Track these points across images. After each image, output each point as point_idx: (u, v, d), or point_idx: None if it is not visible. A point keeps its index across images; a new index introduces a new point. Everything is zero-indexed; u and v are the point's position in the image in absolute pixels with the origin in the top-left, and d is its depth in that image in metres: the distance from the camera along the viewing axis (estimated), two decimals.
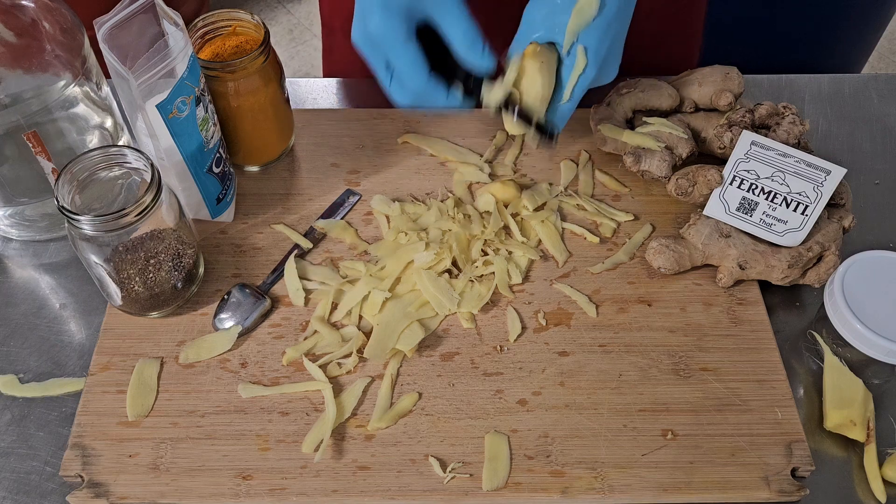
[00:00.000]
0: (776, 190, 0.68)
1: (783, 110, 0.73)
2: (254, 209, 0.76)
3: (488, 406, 0.64)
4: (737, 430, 0.63)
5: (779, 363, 0.66)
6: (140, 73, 0.59)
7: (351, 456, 0.61)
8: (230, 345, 0.66)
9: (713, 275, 0.71)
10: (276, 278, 0.71)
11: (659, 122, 0.76)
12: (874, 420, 0.63)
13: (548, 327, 0.68)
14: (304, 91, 0.88)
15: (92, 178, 0.63)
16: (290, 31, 2.28)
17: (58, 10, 0.68)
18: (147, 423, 0.63)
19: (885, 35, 1.43)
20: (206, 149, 0.67)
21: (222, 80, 0.69)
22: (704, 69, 0.78)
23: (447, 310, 0.68)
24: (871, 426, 0.62)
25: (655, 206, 0.76)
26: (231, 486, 0.60)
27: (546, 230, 0.74)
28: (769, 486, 0.60)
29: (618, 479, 0.60)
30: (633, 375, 0.66)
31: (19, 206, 0.72)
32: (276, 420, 0.63)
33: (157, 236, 0.64)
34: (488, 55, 0.61)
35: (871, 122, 0.85)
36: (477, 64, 0.61)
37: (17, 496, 0.61)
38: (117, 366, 0.65)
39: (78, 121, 0.71)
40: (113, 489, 0.59)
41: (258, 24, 0.71)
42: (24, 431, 0.64)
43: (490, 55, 0.61)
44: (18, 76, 0.67)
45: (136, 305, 0.66)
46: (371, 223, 0.75)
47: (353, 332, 0.67)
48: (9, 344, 0.68)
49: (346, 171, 0.79)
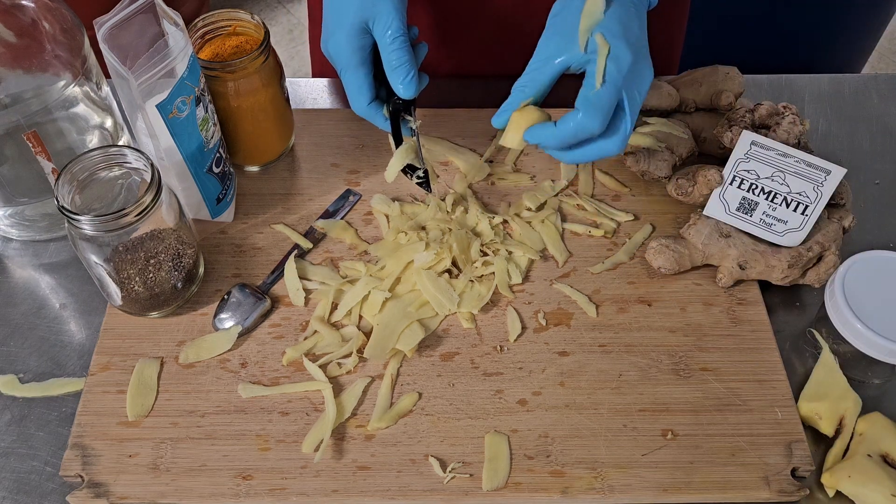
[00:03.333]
0: (776, 190, 0.68)
1: (783, 110, 0.73)
2: (254, 209, 0.76)
3: (488, 406, 0.64)
4: (737, 430, 0.63)
5: (779, 363, 0.66)
6: (140, 73, 0.59)
7: (351, 456, 0.61)
8: (230, 345, 0.66)
9: (713, 275, 0.71)
10: (276, 278, 0.71)
11: (659, 122, 0.76)
12: (854, 419, 0.62)
13: (548, 327, 0.68)
14: (304, 91, 0.88)
15: (92, 178, 0.63)
16: (290, 31, 2.28)
17: (58, 10, 0.68)
18: (147, 423, 0.63)
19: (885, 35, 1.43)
20: (206, 149, 0.67)
21: (222, 80, 0.69)
22: (704, 69, 0.78)
23: (447, 310, 0.68)
24: (844, 423, 0.62)
25: (655, 206, 0.76)
26: (231, 486, 0.60)
27: (546, 230, 0.74)
28: (769, 486, 0.60)
29: (618, 479, 0.60)
30: (633, 375, 0.66)
31: (19, 206, 0.72)
32: (276, 420, 0.63)
33: (157, 236, 0.64)
34: (410, 84, 0.64)
35: (871, 122, 0.85)
36: (397, 88, 0.65)
37: (17, 496, 0.61)
38: (117, 366, 0.65)
39: (78, 121, 0.71)
40: (113, 489, 0.59)
41: (258, 24, 0.71)
42: (24, 431, 0.64)
43: (412, 85, 0.64)
44: (18, 76, 0.67)
45: (136, 305, 0.66)
46: (371, 223, 0.75)
47: (353, 332, 0.67)
48: (9, 344, 0.68)
49: (346, 171, 0.79)
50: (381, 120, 0.69)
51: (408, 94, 0.65)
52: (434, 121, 0.82)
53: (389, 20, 0.63)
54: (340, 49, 0.65)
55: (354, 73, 0.66)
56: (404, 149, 0.70)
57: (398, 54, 0.64)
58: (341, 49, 0.65)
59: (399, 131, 0.69)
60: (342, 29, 0.64)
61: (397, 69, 0.64)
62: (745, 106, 0.76)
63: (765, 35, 1.25)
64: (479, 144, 0.80)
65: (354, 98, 0.67)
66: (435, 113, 0.83)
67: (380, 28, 0.63)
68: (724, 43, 1.23)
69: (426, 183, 0.72)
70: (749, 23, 1.24)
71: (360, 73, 0.66)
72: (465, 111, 0.82)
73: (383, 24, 0.63)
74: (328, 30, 0.66)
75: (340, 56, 0.66)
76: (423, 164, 0.71)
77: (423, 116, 0.82)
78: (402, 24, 0.64)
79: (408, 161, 0.71)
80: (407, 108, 0.68)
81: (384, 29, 0.63)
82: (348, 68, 0.66)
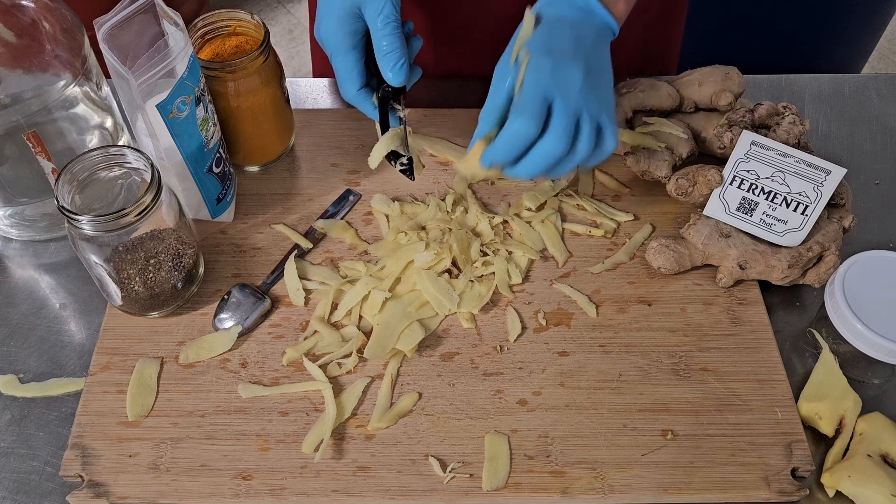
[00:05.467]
0: (776, 190, 0.68)
1: (783, 110, 0.73)
2: (254, 209, 0.76)
3: (488, 406, 0.64)
4: (737, 430, 0.63)
5: (779, 363, 0.66)
6: (140, 73, 0.59)
7: (351, 456, 0.61)
8: (230, 345, 0.66)
9: (713, 275, 0.71)
10: (276, 278, 0.71)
11: (659, 122, 0.76)
12: (854, 419, 0.62)
13: (548, 327, 0.68)
14: (304, 91, 0.88)
15: (92, 178, 0.63)
16: (290, 31, 2.28)
17: (58, 10, 0.68)
18: (147, 423, 0.63)
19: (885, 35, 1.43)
20: (206, 149, 0.67)
21: (222, 80, 0.69)
22: (704, 69, 0.78)
23: (447, 310, 0.68)
24: (844, 423, 0.62)
25: (655, 206, 0.76)
26: (231, 486, 0.60)
27: (546, 230, 0.74)
28: (769, 486, 0.60)
29: (618, 479, 0.60)
30: (633, 375, 0.66)
31: (19, 206, 0.72)
32: (276, 420, 0.63)
33: (157, 236, 0.64)
34: (399, 71, 0.64)
35: (871, 122, 0.85)
36: (387, 75, 0.64)
37: (17, 496, 0.61)
38: (117, 366, 0.65)
39: (78, 121, 0.71)
40: (113, 489, 0.59)
41: (258, 24, 0.71)
42: (24, 431, 0.64)
43: (402, 72, 0.64)
44: (18, 76, 0.67)
45: (136, 305, 0.66)
46: (371, 223, 0.75)
47: (353, 332, 0.67)
48: (9, 344, 0.68)
49: (346, 171, 0.79)
50: (369, 107, 0.68)
51: (397, 81, 0.64)
52: (434, 121, 0.82)
53: (381, 4, 0.62)
54: (331, 33, 0.65)
55: (344, 56, 0.65)
56: (390, 135, 0.69)
57: (389, 39, 0.63)
58: (332, 32, 0.65)
59: (387, 119, 0.69)
60: (333, 13, 0.64)
61: (388, 55, 0.63)
62: (745, 106, 0.76)
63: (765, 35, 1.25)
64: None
65: (344, 83, 0.67)
66: (435, 113, 0.83)
67: (371, 12, 0.63)
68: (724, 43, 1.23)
69: (409, 170, 0.71)
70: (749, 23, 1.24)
71: (350, 58, 0.65)
72: (465, 111, 0.82)
73: (375, 7, 0.63)
74: (320, 14, 0.66)
75: (331, 40, 0.65)
76: (408, 151, 0.70)
77: (422, 116, 0.82)
78: (395, 9, 0.63)
79: (392, 147, 0.70)
80: (396, 97, 0.67)
81: (376, 13, 0.63)
82: (338, 52, 0.65)
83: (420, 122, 0.82)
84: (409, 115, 0.82)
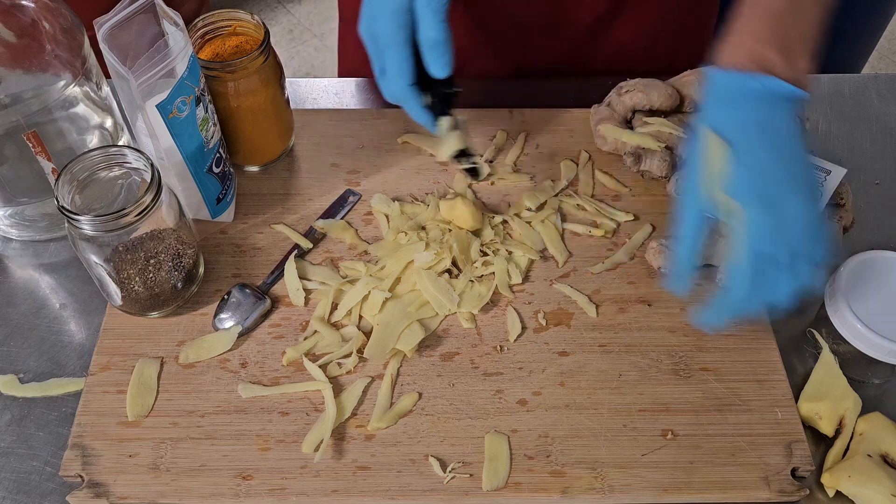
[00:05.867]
0: None
1: None
2: (254, 209, 0.76)
3: (488, 406, 0.64)
4: (737, 430, 0.63)
5: (779, 363, 0.66)
6: (140, 73, 0.59)
7: (351, 456, 0.61)
8: (230, 345, 0.66)
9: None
10: (276, 278, 0.71)
11: (659, 122, 0.76)
12: (854, 419, 0.62)
13: (548, 327, 0.68)
14: (304, 91, 0.88)
15: (92, 178, 0.63)
16: (290, 31, 2.28)
17: (58, 10, 0.68)
18: (147, 423, 0.63)
19: (885, 35, 1.43)
20: (206, 149, 0.67)
21: (222, 80, 0.69)
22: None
23: (447, 310, 0.68)
24: (844, 423, 0.62)
25: (655, 206, 0.76)
26: (231, 486, 0.60)
27: (546, 230, 0.74)
28: (769, 486, 0.60)
29: (618, 479, 0.60)
30: (633, 375, 0.66)
31: (19, 206, 0.72)
32: (276, 420, 0.63)
33: (157, 236, 0.64)
34: (445, 62, 0.63)
35: (871, 122, 0.85)
36: (432, 65, 0.63)
37: (17, 496, 0.61)
38: (117, 366, 0.65)
39: (78, 121, 0.71)
40: (113, 489, 0.59)
41: (258, 24, 0.71)
42: (24, 431, 0.64)
43: (447, 64, 0.63)
44: (18, 76, 0.67)
45: (136, 305, 0.66)
46: (371, 223, 0.75)
47: (353, 332, 0.67)
48: (9, 344, 0.68)
49: (346, 171, 0.79)
50: (416, 106, 0.66)
51: (443, 72, 0.63)
52: None
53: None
54: (385, 26, 0.63)
55: (398, 49, 0.63)
56: (458, 135, 0.69)
57: (437, 30, 0.62)
58: (386, 26, 0.63)
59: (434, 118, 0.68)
60: (387, 6, 0.62)
61: (436, 46, 0.62)
62: None
63: None
64: (479, 144, 0.80)
65: (394, 78, 0.64)
66: None
67: (422, 2, 0.62)
68: None
69: (476, 171, 0.73)
70: None
71: (403, 51, 0.63)
72: (465, 111, 0.82)
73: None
74: (371, 8, 0.64)
75: (384, 32, 0.63)
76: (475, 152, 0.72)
77: None
78: (444, 2, 0.62)
79: (461, 147, 0.70)
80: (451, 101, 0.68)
81: (426, 4, 0.61)
82: (391, 44, 0.63)
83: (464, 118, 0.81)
84: None
